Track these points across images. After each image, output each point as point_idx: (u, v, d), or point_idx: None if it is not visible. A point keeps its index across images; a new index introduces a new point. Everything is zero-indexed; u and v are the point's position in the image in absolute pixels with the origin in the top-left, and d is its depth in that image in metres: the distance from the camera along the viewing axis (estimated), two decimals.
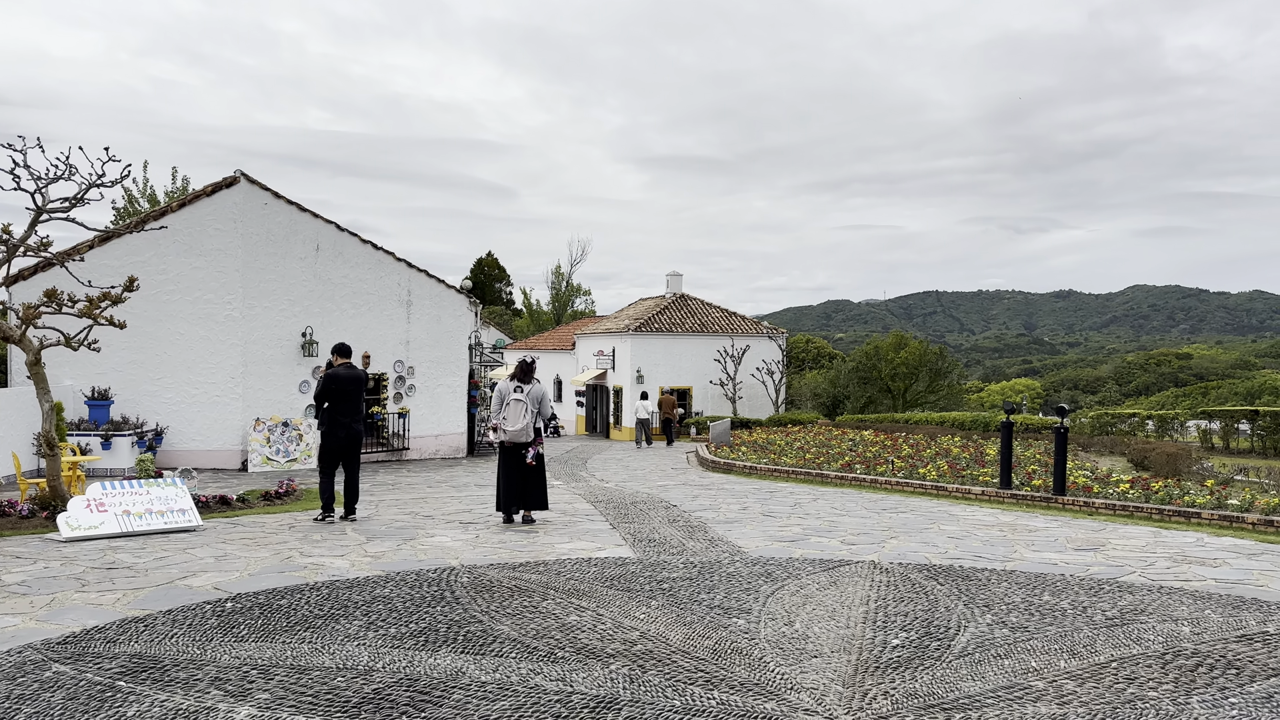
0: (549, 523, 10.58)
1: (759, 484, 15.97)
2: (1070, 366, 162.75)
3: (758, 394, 38.95)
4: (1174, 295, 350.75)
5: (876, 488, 15.05)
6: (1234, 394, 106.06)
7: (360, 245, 21.88)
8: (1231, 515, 10.40)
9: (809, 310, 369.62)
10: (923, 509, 12.31)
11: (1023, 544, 9.34)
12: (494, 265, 70.37)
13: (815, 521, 10.89)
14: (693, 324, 39.24)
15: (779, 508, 12.26)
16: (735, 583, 7.20)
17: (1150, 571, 7.85)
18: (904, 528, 10.47)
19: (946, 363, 44.27)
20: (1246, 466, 14.30)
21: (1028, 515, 11.73)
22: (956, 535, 9.89)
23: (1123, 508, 11.61)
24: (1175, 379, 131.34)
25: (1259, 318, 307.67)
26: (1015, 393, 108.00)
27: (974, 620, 6.06)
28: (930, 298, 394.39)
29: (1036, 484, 13.43)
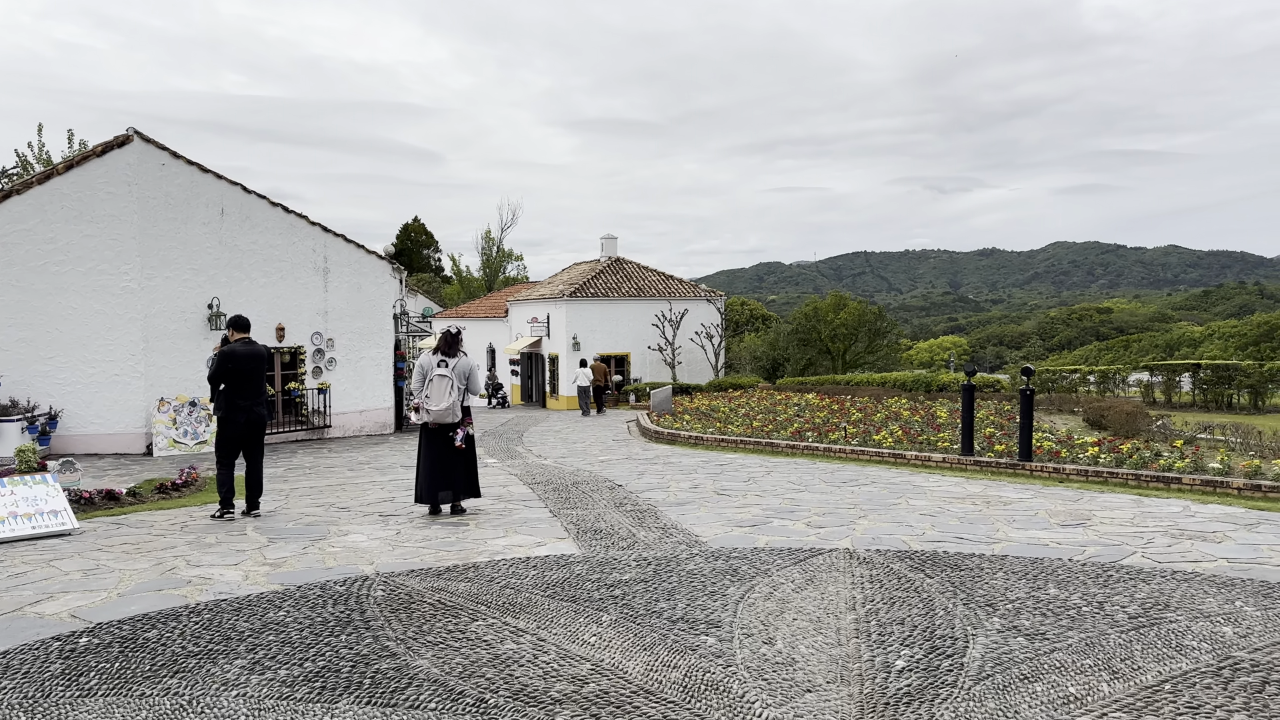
0: (481, 512, 9.47)
1: (707, 455, 15.04)
2: (995, 323, 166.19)
3: (697, 359, 38.12)
4: (1093, 251, 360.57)
5: (831, 456, 14.24)
6: (1154, 346, 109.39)
7: (270, 209, 20.25)
8: (1214, 480, 9.77)
9: (742, 273, 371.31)
10: (884, 480, 11.50)
11: (1002, 520, 8.54)
12: (421, 231, 68.17)
13: (774, 500, 9.98)
14: (629, 288, 38.14)
15: (733, 484, 11.33)
16: (697, 584, 6.21)
17: (1151, 551, 7.09)
18: (870, 504, 9.61)
19: (885, 323, 43.92)
20: (1210, 424, 13.85)
21: (996, 485, 11.00)
22: (929, 512, 9.06)
23: (1096, 474, 10.94)
24: (1097, 333, 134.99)
25: (1174, 272, 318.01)
26: (943, 350, 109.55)
27: (981, 626, 5.17)
28: (859, 258, 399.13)
29: (999, 449, 12.74)
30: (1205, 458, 11.36)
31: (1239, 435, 12.83)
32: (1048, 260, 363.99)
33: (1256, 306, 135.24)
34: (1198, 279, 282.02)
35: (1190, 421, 14.52)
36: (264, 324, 20.01)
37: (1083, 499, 9.76)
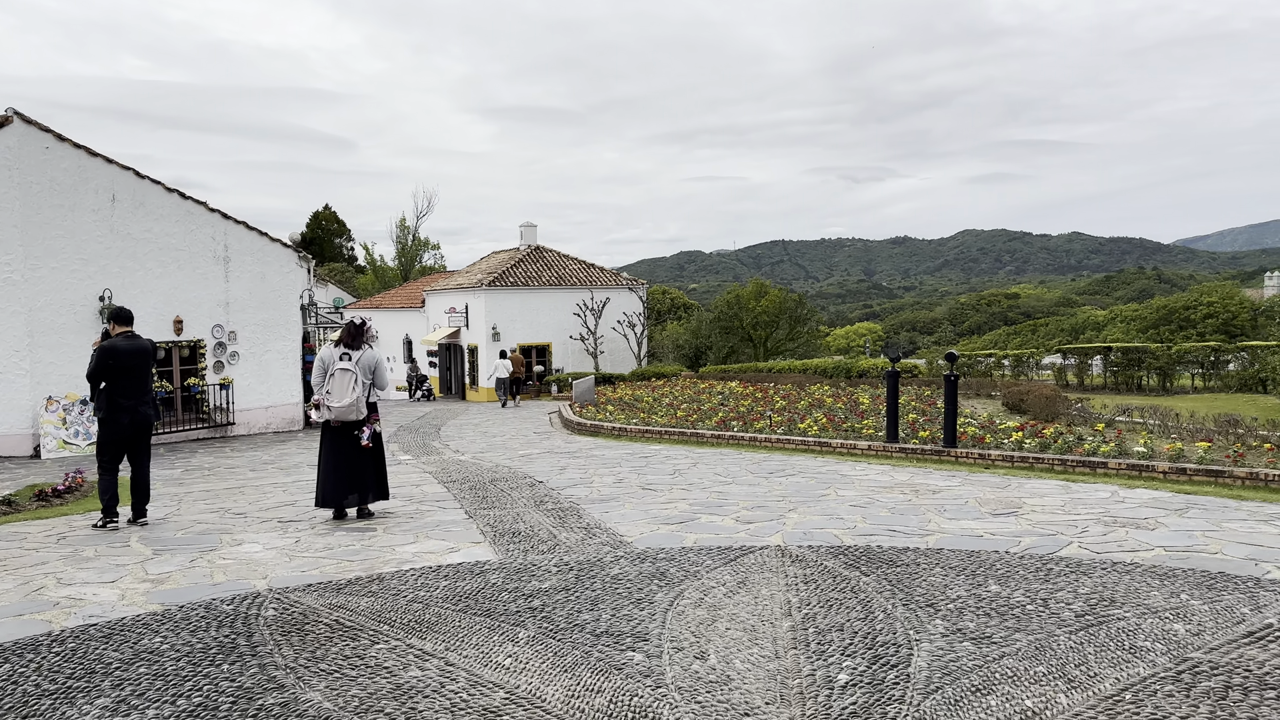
0: (390, 515, 8.88)
1: (631, 447, 14.63)
2: (908, 309, 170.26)
3: (620, 348, 37.70)
4: (1000, 239, 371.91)
5: (756, 446, 13.97)
6: (1060, 330, 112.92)
7: (165, 195, 19.09)
8: (1139, 464, 9.74)
9: (663, 261, 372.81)
10: (811, 470, 11.25)
11: (933, 510, 8.32)
12: (333, 219, 66.18)
13: (701, 494, 9.61)
14: (549, 277, 37.49)
15: (658, 477, 10.94)
16: (623, 591, 5.78)
17: (1087, 540, 6.91)
18: (799, 495, 9.32)
19: (805, 310, 44.13)
20: (1128, 406, 14.00)
21: (923, 472, 10.83)
22: (858, 503, 8.80)
23: (1021, 459, 10.86)
24: (1005, 318, 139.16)
25: (1077, 258, 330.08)
26: (859, 336, 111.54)
27: (924, 630, 4.85)
28: (777, 247, 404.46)
29: (923, 435, 12.62)
30: (1128, 441, 11.40)
31: (1157, 417, 12.98)
32: (957, 248, 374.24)
33: (1155, 291, 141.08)
34: (1100, 265, 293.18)
35: (1108, 405, 14.69)
36: (160, 317, 18.90)
37: (1010, 485, 9.63)
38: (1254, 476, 8.80)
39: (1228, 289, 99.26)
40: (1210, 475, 9.13)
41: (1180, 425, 12.38)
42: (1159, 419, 12.90)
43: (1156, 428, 12.80)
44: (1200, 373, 24.97)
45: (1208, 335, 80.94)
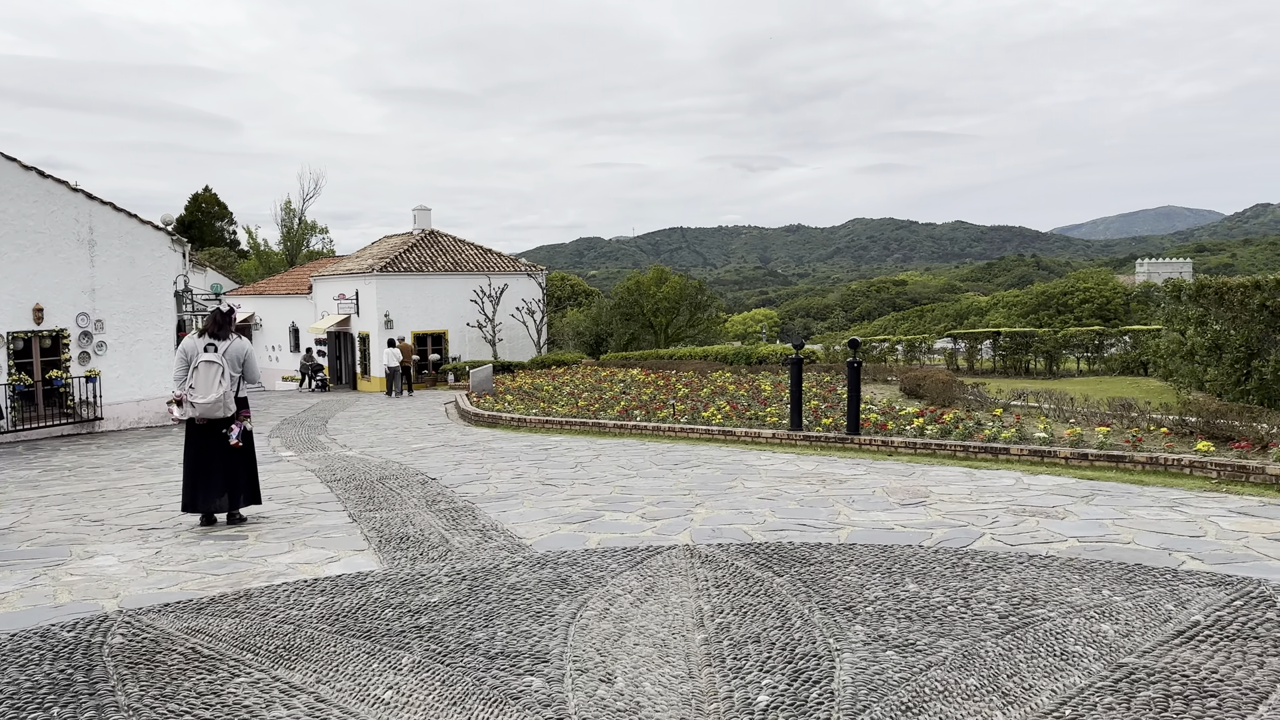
0: (265, 520, 8.17)
1: (531, 439, 14.10)
2: (802, 296, 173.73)
3: (519, 335, 36.96)
4: (889, 227, 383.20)
5: (660, 436, 13.62)
6: (945, 315, 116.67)
7: (22, 173, 17.58)
8: (1041, 450, 9.75)
9: (562, 248, 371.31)
10: (716, 460, 10.96)
11: (841, 501, 8.09)
12: (214, 202, 63.15)
13: (605, 488, 9.18)
14: (445, 263, 36.44)
15: (559, 471, 10.46)
16: (521, 603, 5.30)
17: (999, 532, 6.76)
18: (705, 488, 8.98)
19: (705, 296, 44.15)
20: (1023, 390, 14.19)
21: (828, 460, 10.65)
22: (766, 495, 8.51)
23: (924, 446, 10.79)
24: (894, 304, 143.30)
25: (960, 246, 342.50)
26: (755, 322, 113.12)
27: (845, 638, 4.53)
28: (675, 234, 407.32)
29: (826, 423, 12.48)
30: (1026, 426, 11.47)
31: (1051, 401, 13.17)
32: (848, 236, 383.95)
33: (1034, 277, 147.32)
34: (982, 252, 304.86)
35: (1003, 390, 14.88)
36: (18, 304, 17.41)
37: (915, 473, 9.51)
38: (1154, 461, 8.87)
39: (1102, 275, 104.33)
40: (1111, 460, 9.18)
41: (1075, 409, 12.56)
42: (1053, 403, 13.08)
43: (1052, 412, 12.96)
44: (1085, 356, 25.84)
45: (1084, 320, 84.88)
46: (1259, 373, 13.43)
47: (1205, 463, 8.48)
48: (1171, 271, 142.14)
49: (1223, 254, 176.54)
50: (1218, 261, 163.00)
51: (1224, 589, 5.07)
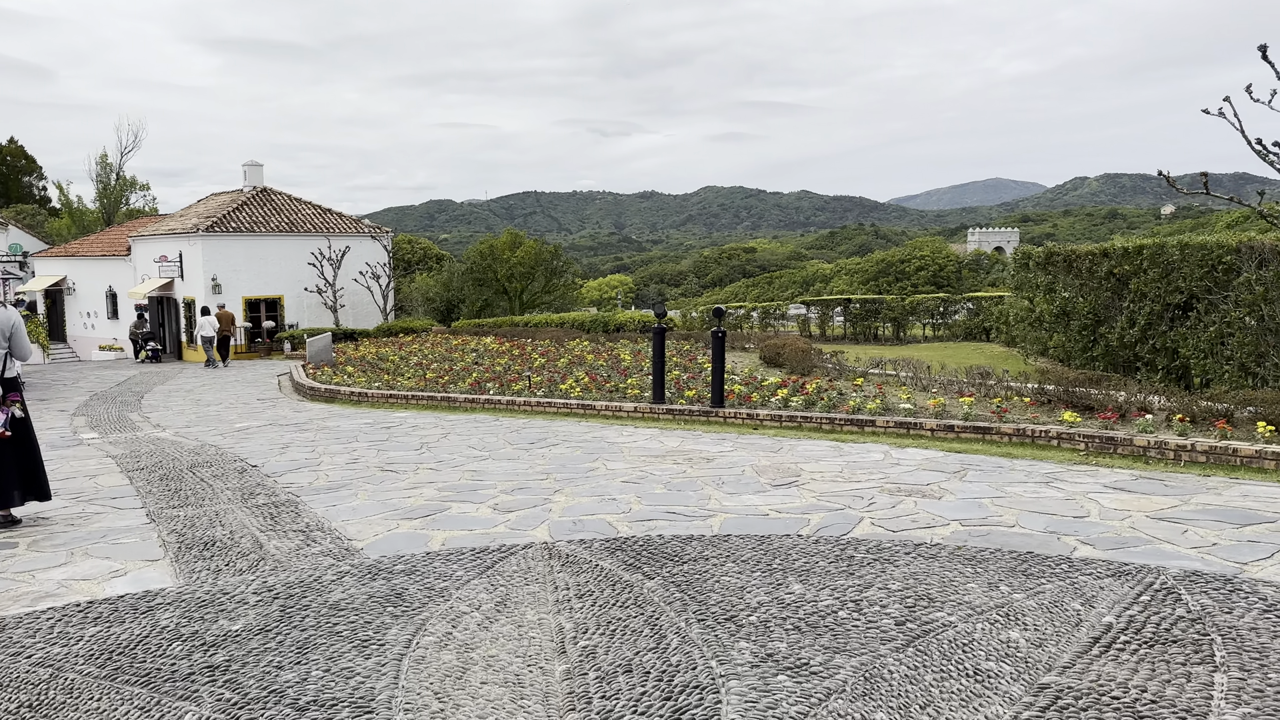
0: (44, 523, 6.89)
1: (372, 416, 12.98)
2: (656, 262, 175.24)
3: (363, 301, 35.04)
4: (739, 195, 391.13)
5: (515, 411, 12.77)
6: (793, 282, 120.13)
7: None
8: (907, 422, 9.48)
9: (411, 210, 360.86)
10: (576, 437, 10.23)
11: (711, 483, 7.51)
12: (20, 155, 57.31)
13: (453, 474, 8.29)
14: (280, 223, 34.06)
15: (402, 454, 9.48)
16: (345, 628, 4.42)
17: (878, 515, 6.31)
18: (565, 470, 8.24)
19: (561, 261, 43.13)
20: (881, 359, 14.10)
21: (693, 436, 10.10)
22: (631, 478, 7.85)
23: (790, 419, 10.38)
24: (744, 270, 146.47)
25: (805, 215, 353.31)
26: (611, 288, 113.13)
27: (729, 659, 3.90)
28: (530, 198, 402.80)
29: (690, 395, 11.94)
30: (888, 396, 11.26)
31: (910, 370, 13.08)
32: (700, 203, 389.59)
33: (874, 245, 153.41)
34: (825, 221, 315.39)
35: (861, 358, 14.79)
36: None
37: (783, 448, 9.07)
38: (1021, 433, 8.71)
39: (936, 244, 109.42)
40: (978, 432, 8.98)
41: (933, 378, 12.48)
42: (911, 371, 12.99)
43: (910, 380, 12.87)
44: (930, 322, 26.48)
45: (921, 286, 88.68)
46: (1105, 339, 13.75)
47: (1073, 434, 8.36)
48: (1000, 240, 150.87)
49: (1045, 224, 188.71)
50: (1040, 231, 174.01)
51: (1125, 581, 4.72)
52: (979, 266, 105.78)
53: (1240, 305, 11.29)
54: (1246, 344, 11.22)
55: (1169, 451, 7.71)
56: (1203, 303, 12.03)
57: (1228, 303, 11.58)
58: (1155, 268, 12.77)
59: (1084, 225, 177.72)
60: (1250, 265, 11.27)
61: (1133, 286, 13.22)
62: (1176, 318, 12.64)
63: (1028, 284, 16.64)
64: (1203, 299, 12.03)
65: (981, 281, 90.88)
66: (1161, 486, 6.88)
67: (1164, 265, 12.62)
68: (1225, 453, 7.41)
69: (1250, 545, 5.31)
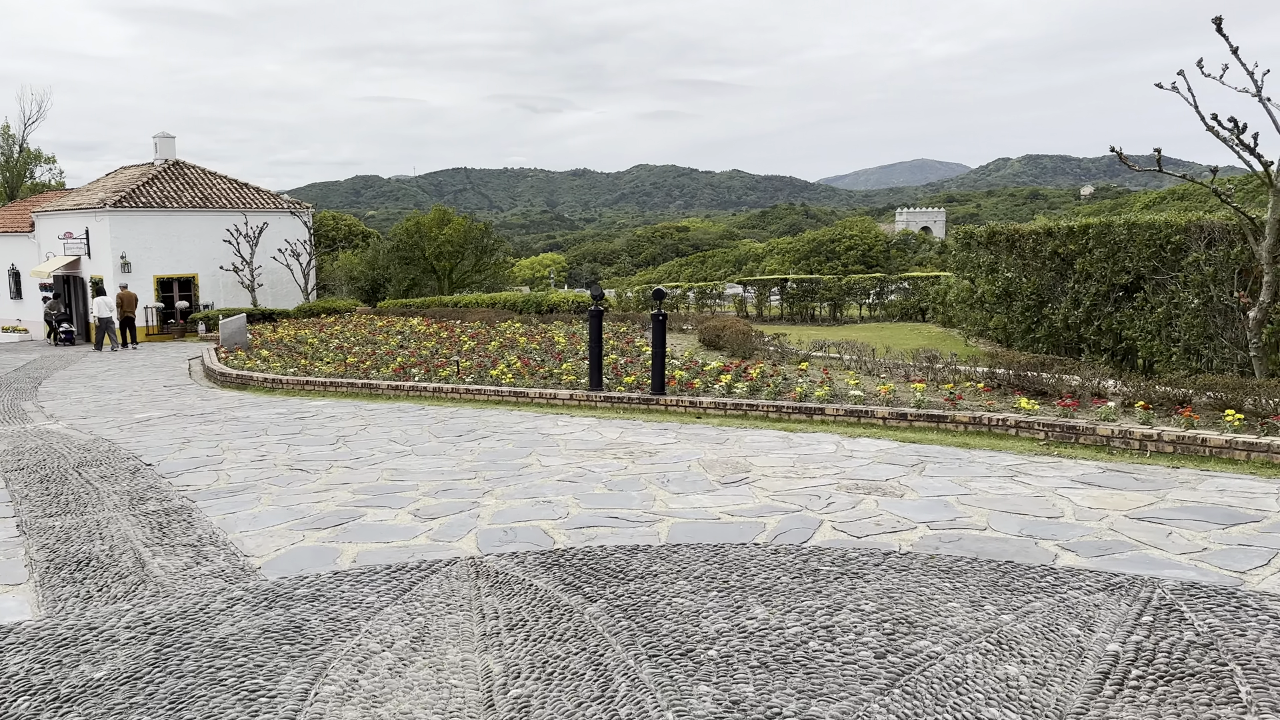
0: None
1: (287, 405, 12.09)
2: (589, 240, 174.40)
3: (283, 280, 33.61)
4: (671, 174, 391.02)
5: (442, 399, 12.01)
6: (725, 261, 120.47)
7: None
8: (858, 410, 9.00)
9: (337, 186, 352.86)
10: (508, 428, 9.54)
11: (655, 481, 6.92)
12: None
13: (370, 473, 7.55)
14: (193, 198, 32.40)
15: (315, 450, 8.69)
16: (230, 674, 3.71)
17: (839, 517, 5.79)
18: (495, 467, 7.57)
19: (492, 239, 41.93)
20: (824, 341, 13.66)
21: (633, 426, 9.50)
22: (568, 476, 7.21)
23: (735, 407, 9.85)
24: (677, 249, 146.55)
25: (737, 194, 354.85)
26: (544, 267, 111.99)
27: (689, 710, 3.31)
28: (460, 174, 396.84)
29: (629, 381, 11.33)
30: (835, 381, 10.80)
31: (854, 353, 12.67)
32: (633, 182, 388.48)
33: (804, 225, 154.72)
34: (756, 200, 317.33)
35: (804, 340, 14.35)
36: None
37: (729, 439, 8.53)
38: (977, 422, 8.29)
39: (865, 224, 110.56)
40: (932, 421, 8.55)
41: (879, 361, 12.08)
42: (855, 354, 12.58)
43: (855, 364, 12.45)
44: (867, 303, 26.29)
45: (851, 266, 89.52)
46: (1049, 320, 13.52)
47: (1031, 423, 7.97)
48: (927, 220, 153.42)
49: (970, 204, 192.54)
50: (965, 211, 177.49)
51: (1120, 596, 4.26)
52: (907, 246, 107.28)
53: (1189, 286, 11.09)
54: (1195, 325, 11.03)
55: (1134, 441, 7.35)
56: (1150, 283, 11.83)
57: (1176, 283, 11.38)
58: (1101, 247, 12.54)
59: (1007, 205, 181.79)
60: (1199, 245, 11.06)
61: (1078, 266, 12.99)
62: (1122, 299, 12.44)
63: (969, 264, 16.39)
64: (1150, 279, 11.83)
65: (910, 261, 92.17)
66: (1132, 481, 6.50)
67: (1110, 245, 12.39)
68: (1193, 443, 7.08)
69: (1243, 550, 4.91)
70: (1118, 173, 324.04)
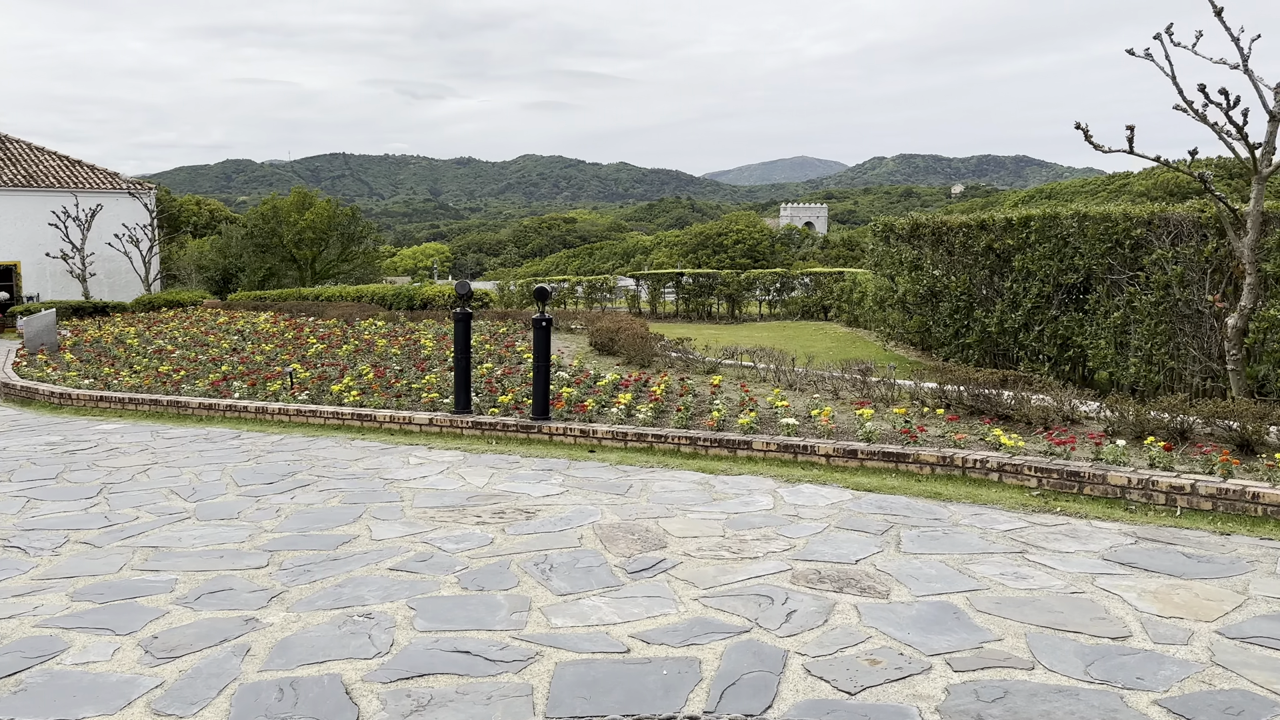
0: None
1: (66, 429, 9.47)
2: (474, 230, 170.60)
3: (121, 269, 29.94)
4: (558, 165, 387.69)
5: (266, 422, 9.60)
6: (614, 253, 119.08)
7: None
8: (793, 444, 7.10)
9: (206, 170, 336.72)
10: (340, 468, 7.28)
11: (532, 570, 4.84)
12: None
13: (120, 552, 5.20)
14: (14, 175, 28.48)
15: (59, 508, 6.23)
16: None
17: (811, 647, 3.82)
18: (305, 543, 5.33)
19: (360, 226, 38.60)
20: (736, 348, 11.81)
21: (508, 466, 7.37)
22: (408, 560, 5.05)
23: (637, 437, 7.82)
24: (564, 241, 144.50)
25: (624, 186, 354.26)
26: (426, 257, 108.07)
27: None
28: (338, 160, 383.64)
29: (505, 401, 9.16)
30: (758, 398, 8.90)
31: (770, 360, 10.86)
32: (519, 172, 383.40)
33: (690, 219, 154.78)
34: (644, 193, 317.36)
35: (712, 345, 12.46)
36: None
37: (632, 486, 6.51)
38: (946, 462, 6.49)
39: (751, 218, 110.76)
40: (889, 460, 6.71)
41: (802, 373, 10.28)
42: (772, 363, 10.75)
43: (773, 375, 10.62)
44: (767, 299, 24.72)
45: (738, 259, 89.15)
46: (981, 324, 12.00)
47: (1019, 466, 6.21)
48: (810, 216, 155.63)
49: (848, 200, 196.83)
50: (843, 208, 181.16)
51: None
52: (790, 241, 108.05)
53: (1152, 287, 9.65)
54: (1158, 333, 9.60)
55: (1157, 494, 5.67)
56: (1104, 284, 10.38)
57: (1135, 284, 9.94)
58: (1045, 242, 11.05)
59: (883, 202, 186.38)
60: (1164, 240, 9.63)
61: (1016, 264, 11.49)
62: (1068, 301, 10.99)
63: (888, 259, 14.81)
64: (1104, 279, 10.38)
65: (794, 255, 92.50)
66: (1183, 560, 4.77)
67: (1056, 239, 10.91)
68: (1239, 497, 5.42)
69: None
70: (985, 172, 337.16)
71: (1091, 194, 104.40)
